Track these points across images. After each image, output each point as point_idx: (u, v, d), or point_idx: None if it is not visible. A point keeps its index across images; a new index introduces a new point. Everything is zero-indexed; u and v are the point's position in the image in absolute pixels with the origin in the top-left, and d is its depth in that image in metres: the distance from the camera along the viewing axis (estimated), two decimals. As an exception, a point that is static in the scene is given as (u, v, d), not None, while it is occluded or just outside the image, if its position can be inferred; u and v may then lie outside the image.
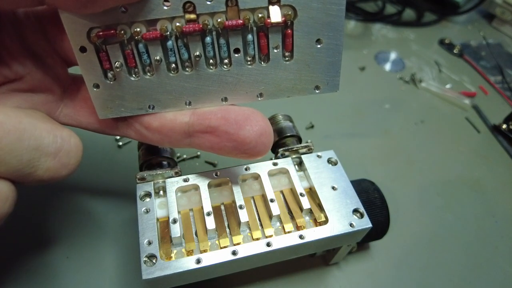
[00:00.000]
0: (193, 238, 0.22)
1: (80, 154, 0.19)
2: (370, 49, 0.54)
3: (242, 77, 0.20)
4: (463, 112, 0.46)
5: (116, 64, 0.19)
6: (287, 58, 0.20)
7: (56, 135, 0.17)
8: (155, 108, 0.20)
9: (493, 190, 0.37)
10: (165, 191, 0.23)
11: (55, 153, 0.17)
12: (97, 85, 0.19)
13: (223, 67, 0.20)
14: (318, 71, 0.20)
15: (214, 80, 0.20)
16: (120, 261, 0.28)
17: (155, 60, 0.19)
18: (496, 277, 0.30)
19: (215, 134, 0.20)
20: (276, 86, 0.21)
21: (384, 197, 0.27)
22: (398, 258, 0.31)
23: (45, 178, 0.17)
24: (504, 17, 0.60)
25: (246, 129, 0.20)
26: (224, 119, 0.20)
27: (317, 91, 0.21)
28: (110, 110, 0.20)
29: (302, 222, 0.23)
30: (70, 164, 0.18)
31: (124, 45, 0.18)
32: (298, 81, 0.20)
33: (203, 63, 0.19)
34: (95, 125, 0.22)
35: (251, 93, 0.21)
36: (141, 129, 0.21)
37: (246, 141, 0.20)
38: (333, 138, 0.40)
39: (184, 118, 0.20)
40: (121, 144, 0.35)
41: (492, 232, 0.33)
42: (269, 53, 0.20)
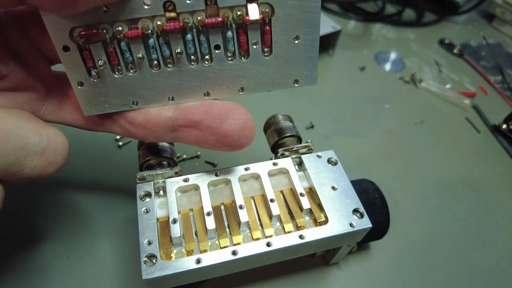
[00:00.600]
0: (193, 238, 0.22)
1: (66, 152, 0.19)
2: (370, 49, 0.54)
3: (223, 72, 0.21)
4: (463, 112, 0.46)
5: (100, 62, 0.19)
6: (266, 54, 0.20)
7: (42, 134, 0.18)
8: (138, 104, 0.21)
9: (493, 190, 0.37)
10: (165, 191, 0.23)
11: (42, 152, 0.17)
12: (81, 83, 0.20)
13: (204, 63, 0.20)
14: (296, 66, 0.21)
15: (196, 76, 0.20)
16: (120, 261, 0.28)
17: (137, 58, 0.19)
18: (496, 277, 0.30)
19: (198, 128, 0.21)
20: (256, 80, 0.21)
21: (384, 197, 0.27)
22: (398, 258, 0.31)
23: (32, 176, 0.18)
24: (504, 17, 0.60)
25: (229, 123, 0.20)
26: (207, 113, 0.20)
27: (296, 85, 0.22)
28: (94, 107, 0.21)
29: (302, 222, 0.23)
30: (57, 162, 0.18)
31: (107, 44, 0.19)
32: (277, 76, 0.21)
33: (184, 59, 0.20)
34: (80, 121, 0.22)
35: (232, 88, 0.21)
36: (126, 124, 0.21)
37: (229, 134, 0.20)
38: (333, 138, 0.40)
39: (167, 113, 0.21)
40: (121, 144, 0.35)
41: (492, 232, 0.33)
42: (249, 49, 0.20)
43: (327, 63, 0.50)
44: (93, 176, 0.33)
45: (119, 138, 0.36)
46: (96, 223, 0.30)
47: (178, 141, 0.22)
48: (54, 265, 0.27)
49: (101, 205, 0.31)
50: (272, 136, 0.28)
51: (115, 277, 0.27)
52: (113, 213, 0.30)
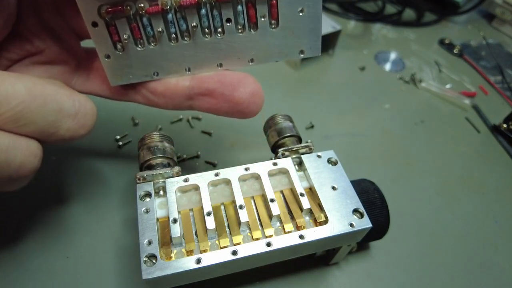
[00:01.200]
0: (193, 238, 0.22)
1: (95, 116, 0.21)
2: (370, 49, 0.54)
3: (234, 44, 0.22)
4: (463, 112, 0.46)
5: (124, 36, 0.21)
6: (273, 26, 0.22)
7: (74, 99, 0.20)
8: (159, 75, 0.23)
9: (493, 190, 0.37)
10: (165, 191, 0.23)
11: (74, 115, 0.19)
12: (108, 55, 0.22)
13: (217, 36, 0.22)
14: (301, 37, 0.22)
15: (209, 48, 0.22)
16: (120, 261, 0.28)
17: (157, 32, 0.21)
18: (496, 277, 0.30)
19: (213, 96, 0.23)
20: (265, 51, 0.23)
21: (384, 197, 0.27)
22: (398, 258, 0.31)
23: (67, 137, 0.20)
24: (504, 17, 0.60)
25: (240, 91, 0.22)
26: (220, 82, 0.23)
27: (301, 55, 0.23)
28: (120, 77, 0.23)
29: (302, 222, 0.23)
30: (87, 125, 0.20)
31: (130, 20, 0.21)
32: (284, 47, 0.23)
33: (199, 32, 0.22)
34: (106, 91, 0.25)
35: (243, 59, 0.23)
36: (148, 94, 0.24)
37: (240, 101, 0.22)
38: (333, 138, 0.40)
39: (185, 83, 0.23)
40: (121, 144, 0.35)
41: (492, 232, 0.33)
42: (257, 22, 0.22)
43: (327, 63, 0.50)
44: (93, 176, 0.33)
45: (119, 138, 0.36)
46: (96, 223, 0.30)
47: (194, 108, 0.24)
48: (54, 265, 0.27)
49: (101, 205, 0.31)
50: (272, 136, 0.28)
51: (115, 277, 0.27)
52: (113, 213, 0.30)
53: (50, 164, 0.33)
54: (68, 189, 0.32)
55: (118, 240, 0.29)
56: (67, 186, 0.32)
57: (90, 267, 0.27)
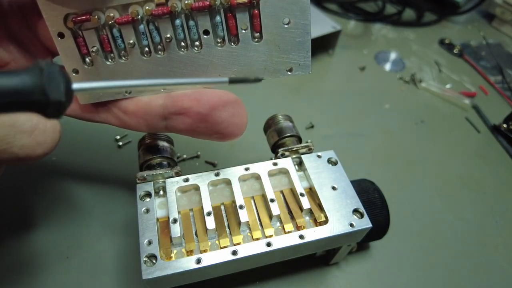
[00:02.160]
0: (193, 238, 0.22)
1: (57, 134, 0.19)
2: (370, 49, 0.54)
3: (213, 59, 0.20)
4: (463, 112, 0.46)
5: (93, 49, 0.20)
6: (257, 39, 0.20)
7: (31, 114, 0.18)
8: (132, 93, 0.21)
9: (493, 190, 0.37)
10: (165, 191, 0.23)
11: (30, 131, 0.18)
12: (76, 70, 0.20)
13: (194, 49, 0.20)
14: (288, 52, 0.20)
15: (186, 63, 0.21)
16: (120, 261, 0.28)
17: (128, 44, 0.20)
18: (496, 277, 0.30)
19: (188, 115, 0.21)
20: (248, 68, 0.21)
21: (384, 197, 0.27)
22: (398, 258, 0.31)
23: (21, 155, 0.18)
24: (504, 17, 0.60)
25: (218, 110, 0.20)
26: (197, 100, 0.21)
27: (289, 73, 0.21)
28: (90, 95, 0.21)
29: (302, 222, 0.23)
30: (46, 143, 0.19)
31: (99, 31, 0.19)
32: (269, 62, 0.21)
33: (174, 45, 0.20)
34: (76, 110, 0.22)
35: (224, 76, 0.21)
36: (119, 113, 0.22)
37: (218, 121, 0.21)
38: (333, 138, 0.40)
39: (158, 101, 0.21)
40: (121, 144, 0.35)
41: (492, 232, 0.33)
42: (238, 34, 0.20)
43: (327, 63, 0.50)
44: (93, 176, 0.33)
45: (119, 138, 0.36)
46: (96, 223, 0.30)
47: (170, 130, 0.22)
48: (54, 265, 0.27)
49: (101, 205, 0.31)
50: (272, 136, 0.28)
51: (115, 277, 0.27)
52: (113, 213, 0.30)
53: (50, 164, 0.33)
54: (68, 189, 0.32)
55: (118, 240, 0.29)
56: (67, 186, 0.32)
57: (90, 267, 0.27)
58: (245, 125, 0.21)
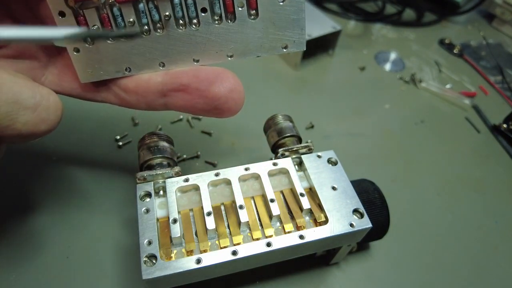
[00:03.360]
0: (193, 238, 0.22)
1: (60, 111, 0.20)
2: (370, 49, 0.54)
3: (211, 36, 0.21)
4: (463, 112, 0.46)
5: (94, 27, 0.20)
6: (253, 17, 0.21)
7: (35, 91, 0.18)
8: (131, 70, 0.22)
9: (493, 190, 0.37)
10: (165, 191, 0.23)
11: (34, 108, 0.18)
12: (77, 49, 0.21)
13: (192, 27, 0.21)
14: (283, 29, 0.21)
15: (184, 41, 0.21)
16: (120, 261, 0.28)
17: (128, 22, 0.20)
18: (496, 277, 0.30)
19: (187, 91, 0.21)
20: (244, 45, 0.21)
21: (384, 197, 0.27)
22: (398, 258, 0.31)
23: (24, 132, 0.18)
24: (504, 17, 0.60)
25: (216, 85, 0.21)
26: (195, 76, 0.21)
27: (284, 50, 0.22)
28: (90, 73, 0.22)
29: (302, 222, 0.23)
30: (50, 120, 0.19)
31: (100, 9, 0.20)
32: (265, 39, 0.21)
33: (172, 23, 0.20)
34: (77, 90, 0.23)
35: (221, 53, 0.21)
36: (120, 91, 0.22)
37: (216, 97, 0.21)
38: (333, 138, 0.40)
39: (157, 78, 0.22)
40: (121, 144, 0.35)
41: (492, 232, 0.33)
42: (235, 12, 0.20)
43: (327, 63, 0.50)
44: (93, 176, 0.33)
45: (119, 138, 0.36)
46: (96, 223, 0.30)
47: (168, 107, 0.22)
48: (54, 265, 0.27)
49: (101, 205, 0.31)
50: (272, 136, 0.28)
51: (115, 277, 0.27)
52: (113, 213, 0.30)
53: (51, 164, 0.33)
54: (68, 189, 0.32)
55: (118, 240, 0.29)
56: (67, 186, 0.32)
57: (90, 267, 0.27)
58: (242, 101, 0.22)
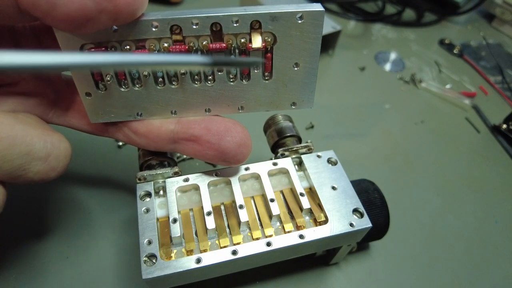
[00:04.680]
0: (193, 238, 0.22)
1: (69, 158, 0.20)
2: (370, 49, 0.54)
3: (224, 92, 0.21)
4: (463, 112, 0.46)
5: (107, 77, 0.20)
6: (267, 78, 0.21)
7: (46, 140, 0.18)
8: (143, 115, 0.22)
9: (493, 190, 0.37)
10: (165, 191, 0.23)
11: (45, 158, 0.18)
12: (89, 93, 0.21)
13: (207, 83, 0.21)
14: (294, 90, 0.22)
15: (198, 94, 0.21)
16: (120, 261, 0.28)
17: (143, 75, 0.20)
18: (496, 277, 0.30)
19: (198, 142, 0.22)
20: (255, 101, 0.22)
21: (384, 197, 0.27)
22: (398, 258, 0.31)
23: (35, 180, 0.19)
24: (504, 17, 0.60)
25: (227, 140, 0.21)
26: (207, 129, 0.21)
27: (293, 107, 0.23)
28: (101, 115, 0.22)
29: (302, 222, 0.23)
30: (59, 167, 0.19)
31: None
32: (276, 98, 0.22)
33: (188, 79, 0.21)
34: (86, 127, 0.23)
35: (232, 106, 0.22)
36: (130, 133, 0.22)
37: (226, 151, 0.21)
38: (333, 138, 0.40)
39: (169, 126, 0.22)
40: (121, 144, 0.35)
41: (492, 232, 0.33)
42: (250, 73, 0.21)
43: (327, 63, 0.50)
44: (93, 176, 0.33)
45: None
46: (96, 223, 0.30)
47: (177, 152, 0.23)
48: (54, 265, 0.27)
49: (101, 205, 0.31)
50: (272, 136, 0.28)
51: (115, 277, 0.27)
52: (113, 213, 0.30)
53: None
54: (68, 189, 0.32)
55: (118, 240, 0.29)
56: (66, 186, 0.32)
57: (90, 267, 0.27)
58: (249, 153, 0.22)
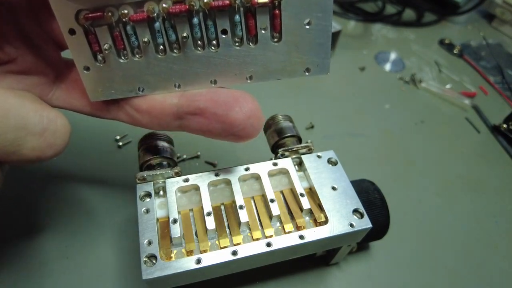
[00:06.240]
0: (193, 238, 0.22)
1: (67, 135, 0.19)
2: (370, 49, 0.54)
3: (230, 59, 0.20)
4: (463, 112, 0.46)
5: (105, 46, 0.19)
6: (276, 39, 0.20)
7: (42, 115, 0.18)
8: (144, 90, 0.21)
9: (493, 190, 0.37)
10: (165, 191, 0.23)
11: (41, 133, 0.17)
12: (87, 67, 0.19)
13: (210, 49, 0.20)
14: (307, 53, 0.20)
15: (202, 62, 0.20)
16: (120, 261, 0.28)
17: (143, 42, 0.19)
18: (496, 277, 0.30)
19: (204, 116, 0.20)
20: (265, 67, 0.20)
21: (384, 197, 0.27)
22: (398, 258, 0.31)
23: (31, 157, 0.18)
24: (504, 17, 0.60)
25: (235, 111, 0.20)
26: (213, 100, 0.20)
27: (307, 73, 0.21)
28: (101, 92, 0.20)
29: (302, 222, 0.23)
30: (56, 145, 0.18)
31: (112, 27, 0.18)
32: (287, 63, 0.20)
33: (190, 44, 0.19)
34: (87, 107, 0.22)
35: (240, 75, 0.20)
36: (132, 111, 0.21)
37: (235, 123, 0.20)
38: (333, 138, 0.40)
39: (173, 100, 0.21)
40: (121, 144, 0.35)
41: (492, 232, 0.33)
42: (257, 34, 0.19)
43: (327, 63, 0.50)
44: (93, 176, 0.33)
45: (119, 138, 0.36)
46: (96, 223, 0.30)
47: (183, 129, 0.21)
48: (54, 266, 0.27)
49: (101, 205, 0.31)
50: (272, 137, 0.28)
51: (115, 277, 0.27)
52: (113, 213, 0.30)
53: (50, 164, 0.33)
54: (68, 189, 0.32)
55: (118, 240, 0.29)
56: (67, 186, 0.32)
57: (90, 267, 0.27)
58: (261, 126, 0.21)
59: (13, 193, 0.31)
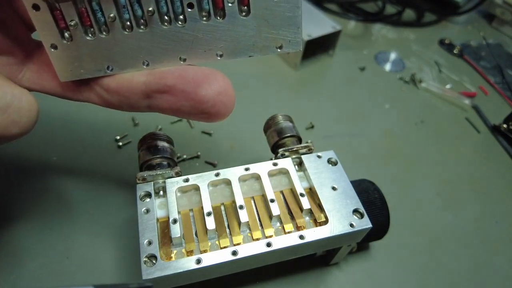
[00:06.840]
0: (193, 238, 0.22)
1: (34, 114, 0.19)
2: (370, 49, 0.54)
3: (198, 34, 0.19)
4: (463, 112, 0.46)
5: (71, 23, 0.18)
6: (244, 13, 0.19)
7: (6, 91, 0.17)
8: (113, 69, 0.20)
9: (493, 190, 0.37)
10: (165, 191, 0.23)
11: (4, 109, 0.17)
12: (54, 45, 0.19)
13: (177, 24, 0.19)
14: (278, 27, 0.19)
15: (169, 38, 0.20)
16: (120, 261, 0.28)
17: (109, 18, 0.19)
18: (496, 277, 0.30)
19: (172, 93, 0.20)
20: (235, 44, 0.20)
21: (384, 197, 0.27)
22: (398, 258, 0.31)
23: None
24: (504, 18, 0.60)
25: (204, 88, 0.19)
26: (181, 77, 0.20)
27: (279, 50, 0.20)
28: (70, 72, 0.20)
29: (302, 222, 0.23)
30: (21, 122, 0.18)
31: (78, 3, 0.18)
32: (258, 38, 0.20)
33: (157, 19, 0.19)
34: (58, 89, 0.22)
35: (210, 52, 0.20)
36: (101, 91, 0.21)
37: (204, 100, 0.19)
38: (333, 138, 0.40)
39: (141, 78, 0.20)
40: (121, 144, 0.35)
41: (492, 232, 0.34)
42: (225, 8, 0.19)
43: (327, 63, 0.50)
44: (93, 176, 0.33)
45: (119, 138, 0.36)
46: (96, 223, 0.30)
47: (153, 109, 0.21)
48: (54, 266, 0.27)
49: (101, 205, 0.31)
50: (272, 137, 0.28)
51: (115, 277, 0.27)
52: (113, 213, 0.30)
53: (50, 164, 0.33)
54: (68, 189, 0.32)
55: (118, 240, 0.29)
56: (67, 187, 0.32)
57: (90, 267, 0.27)
58: (232, 104, 0.20)
59: (13, 193, 0.31)
